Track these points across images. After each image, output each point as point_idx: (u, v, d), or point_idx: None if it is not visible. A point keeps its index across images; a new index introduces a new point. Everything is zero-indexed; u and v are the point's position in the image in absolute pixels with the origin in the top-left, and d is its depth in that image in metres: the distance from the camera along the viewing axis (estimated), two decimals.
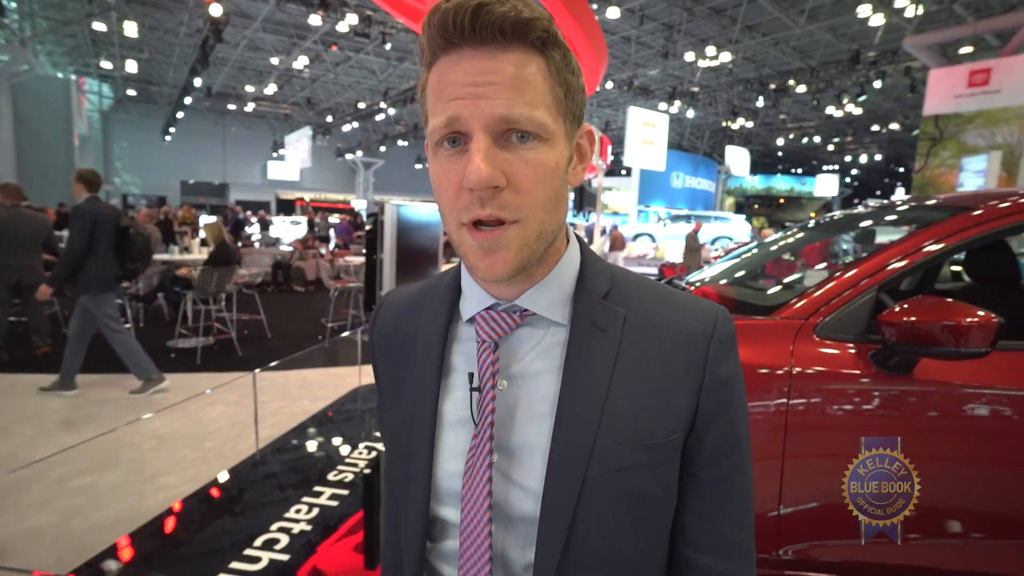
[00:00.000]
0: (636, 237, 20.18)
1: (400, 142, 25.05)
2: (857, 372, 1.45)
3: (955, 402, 1.42)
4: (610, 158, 12.37)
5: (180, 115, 20.38)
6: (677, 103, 16.74)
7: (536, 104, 0.49)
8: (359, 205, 24.55)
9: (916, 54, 10.05)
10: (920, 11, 9.91)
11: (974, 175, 8.21)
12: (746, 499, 0.58)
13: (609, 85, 16.49)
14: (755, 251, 2.60)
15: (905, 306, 1.39)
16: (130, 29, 12.62)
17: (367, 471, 2.89)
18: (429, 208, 4.63)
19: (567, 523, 0.52)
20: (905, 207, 2.29)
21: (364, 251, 11.91)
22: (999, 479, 1.46)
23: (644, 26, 13.16)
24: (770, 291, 2.31)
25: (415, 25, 7.53)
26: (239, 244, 11.84)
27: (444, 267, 5.06)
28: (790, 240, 2.60)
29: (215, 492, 2.71)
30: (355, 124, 22.02)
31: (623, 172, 24.19)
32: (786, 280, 2.63)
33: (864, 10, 10.56)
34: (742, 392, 0.58)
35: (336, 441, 3.36)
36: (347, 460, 3.01)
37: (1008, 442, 1.42)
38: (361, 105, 20.36)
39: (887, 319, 1.38)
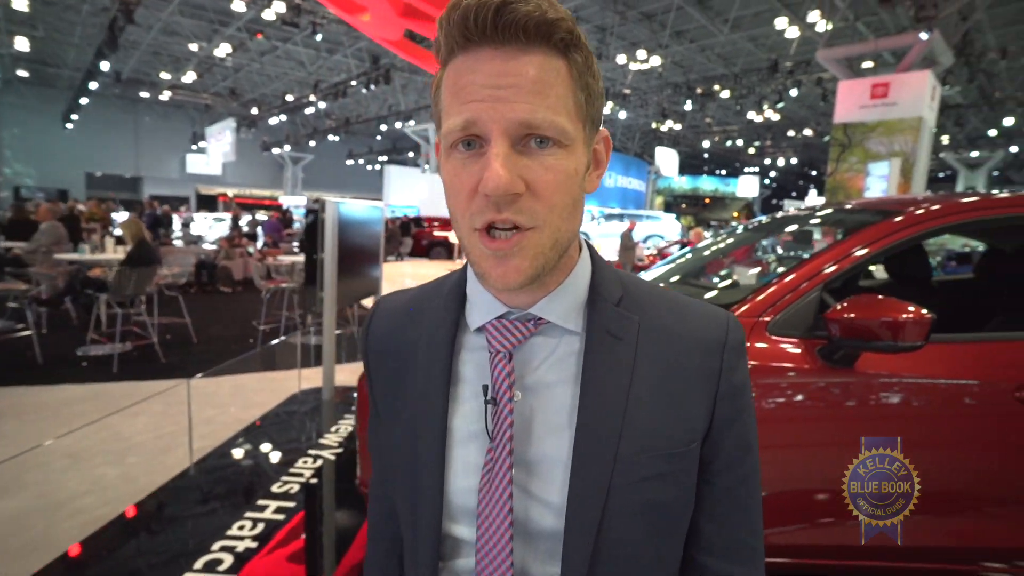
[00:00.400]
0: None
1: (331, 137, 24.25)
2: (806, 366, 1.54)
3: (895, 391, 1.54)
4: None
5: (84, 101, 18.70)
6: (610, 104, 17.17)
7: (558, 109, 0.47)
8: (288, 201, 23.52)
9: (827, 66, 10.80)
10: (829, 27, 10.67)
11: (879, 179, 8.95)
12: (757, 503, 0.59)
13: None
14: (701, 251, 2.70)
15: (846, 304, 1.48)
16: (19, 1, 11.31)
17: (313, 480, 2.76)
18: (368, 205, 4.50)
19: (592, 537, 0.51)
20: (831, 211, 2.46)
21: (296, 249, 11.38)
22: (936, 459, 1.59)
23: (578, 27, 13.39)
24: (719, 291, 2.40)
25: (347, 16, 7.28)
26: (156, 242, 11.04)
27: (385, 265, 4.92)
28: (731, 241, 2.72)
29: (144, 512, 2.50)
30: (282, 117, 21.09)
31: None
32: (735, 280, 2.76)
33: (781, 23, 11.27)
34: (751, 397, 0.59)
35: (278, 450, 3.18)
36: (292, 470, 2.86)
37: (940, 426, 1.55)
38: (289, 97, 19.54)
39: (832, 316, 1.47)
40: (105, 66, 14.40)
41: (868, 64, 11.64)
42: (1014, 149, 21.82)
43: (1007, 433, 1.53)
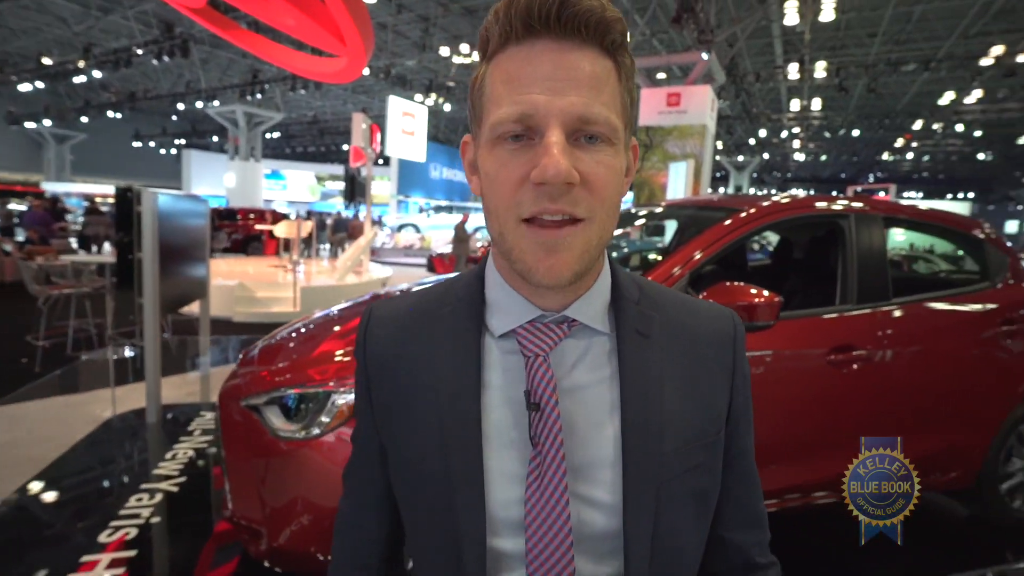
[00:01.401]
0: (401, 228, 20.38)
1: (110, 113, 20.45)
2: None
3: (751, 364, 1.82)
4: (379, 146, 12.07)
5: None
6: (434, 96, 17.17)
7: (611, 107, 0.49)
8: (55, 188, 19.38)
9: None
10: (631, 39, 12.04)
11: (678, 177, 10.35)
12: (757, 473, 0.66)
13: (366, 71, 16.06)
14: None
15: (707, 292, 1.72)
16: None
17: (155, 519, 2.34)
18: (185, 196, 3.94)
19: (650, 531, 0.53)
20: (674, 209, 2.80)
21: (75, 246, 9.51)
22: (793, 414, 1.91)
23: (401, 15, 13.15)
24: None
25: None
26: None
27: (213, 263, 4.31)
28: None
29: None
30: (40, 84, 17.21)
31: (380, 162, 24.02)
32: None
33: None
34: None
35: (99, 491, 2.62)
36: (123, 512, 2.38)
37: (782, 389, 1.88)
38: (47, 61, 16.01)
39: None
40: None
41: (662, 75, 13.36)
42: (766, 156, 27.07)
43: (824, 389, 1.92)
